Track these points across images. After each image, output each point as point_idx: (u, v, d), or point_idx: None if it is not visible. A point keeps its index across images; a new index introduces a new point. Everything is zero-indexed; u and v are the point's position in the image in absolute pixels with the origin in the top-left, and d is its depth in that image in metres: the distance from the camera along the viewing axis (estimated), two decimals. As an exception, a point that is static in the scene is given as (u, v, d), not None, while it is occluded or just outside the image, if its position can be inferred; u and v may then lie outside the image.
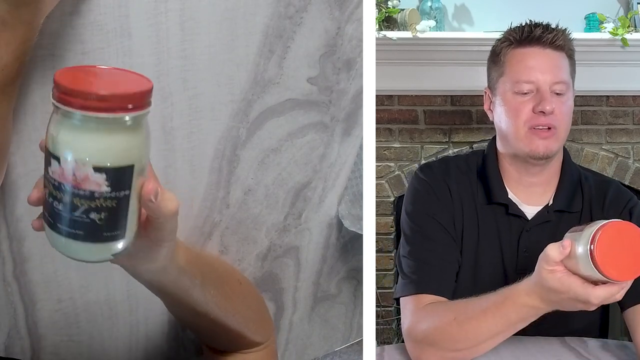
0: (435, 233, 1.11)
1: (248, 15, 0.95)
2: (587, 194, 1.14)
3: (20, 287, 0.93)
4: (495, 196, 1.12)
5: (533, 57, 1.08)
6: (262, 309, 1.05)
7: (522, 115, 1.08)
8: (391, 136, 2.37)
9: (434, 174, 1.15)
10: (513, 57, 1.10)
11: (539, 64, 1.08)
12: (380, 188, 2.32)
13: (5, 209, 0.87)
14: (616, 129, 2.36)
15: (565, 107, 1.09)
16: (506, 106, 1.10)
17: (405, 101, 2.35)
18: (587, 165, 2.27)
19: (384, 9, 2.20)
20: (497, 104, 1.12)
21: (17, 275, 0.91)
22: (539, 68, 1.07)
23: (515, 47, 1.10)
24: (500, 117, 1.12)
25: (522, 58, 1.09)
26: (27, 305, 0.95)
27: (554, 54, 1.08)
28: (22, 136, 0.85)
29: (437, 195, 1.13)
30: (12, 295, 0.93)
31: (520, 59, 1.09)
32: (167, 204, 0.65)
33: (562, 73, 1.08)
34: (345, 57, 1.07)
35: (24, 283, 0.93)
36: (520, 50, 1.10)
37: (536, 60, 1.08)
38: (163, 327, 1.05)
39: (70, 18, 0.83)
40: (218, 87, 0.97)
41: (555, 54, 1.08)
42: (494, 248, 1.13)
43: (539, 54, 1.08)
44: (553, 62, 1.08)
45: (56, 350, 0.97)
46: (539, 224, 1.12)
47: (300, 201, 1.12)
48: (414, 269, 1.07)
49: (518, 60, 1.09)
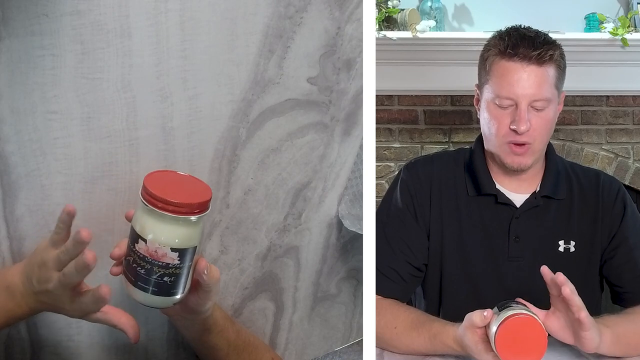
0: (394, 232, 1.16)
1: (248, 15, 0.95)
2: (575, 184, 1.18)
3: (20, 287, 0.93)
4: (484, 188, 1.16)
5: (515, 72, 1.08)
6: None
7: (500, 129, 1.11)
8: (391, 136, 2.37)
9: (417, 171, 1.20)
10: (497, 69, 1.11)
11: (520, 81, 1.08)
12: (380, 188, 2.32)
13: (5, 209, 0.87)
14: (616, 129, 2.36)
15: (544, 121, 1.10)
16: (488, 114, 1.13)
17: (405, 101, 2.35)
18: (587, 165, 2.27)
19: (384, 9, 2.20)
20: (482, 107, 1.15)
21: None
22: (520, 85, 1.08)
23: (500, 59, 1.10)
24: (483, 120, 1.15)
25: (505, 72, 1.09)
26: (27, 305, 0.95)
27: (538, 70, 1.08)
28: (22, 136, 0.85)
29: (410, 194, 1.18)
30: (12, 295, 0.93)
31: (503, 72, 1.10)
32: (213, 274, 0.90)
33: (543, 90, 1.09)
34: (345, 57, 1.07)
35: (24, 283, 0.93)
36: (504, 63, 1.10)
37: (518, 76, 1.08)
38: (163, 327, 1.05)
39: (70, 18, 0.83)
40: (218, 87, 0.97)
41: (540, 69, 1.08)
42: (481, 238, 1.16)
43: (521, 70, 1.08)
44: (535, 78, 1.08)
45: (56, 350, 0.97)
46: (527, 210, 1.15)
47: (300, 201, 1.12)
48: (375, 270, 1.11)
49: (501, 74, 1.10)
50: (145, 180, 0.85)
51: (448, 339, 0.98)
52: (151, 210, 0.83)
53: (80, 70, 0.85)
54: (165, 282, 0.85)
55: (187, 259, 0.86)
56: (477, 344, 0.92)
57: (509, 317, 0.88)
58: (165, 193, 0.83)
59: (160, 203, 0.82)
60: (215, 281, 0.91)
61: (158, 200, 0.82)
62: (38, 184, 0.88)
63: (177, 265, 0.85)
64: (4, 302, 0.85)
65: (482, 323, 0.91)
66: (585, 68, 2.22)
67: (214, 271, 0.91)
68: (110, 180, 0.92)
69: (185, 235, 0.84)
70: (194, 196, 0.86)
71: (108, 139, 0.90)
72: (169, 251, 0.83)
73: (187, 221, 0.84)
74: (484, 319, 0.91)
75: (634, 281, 1.13)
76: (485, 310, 0.91)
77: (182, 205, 0.83)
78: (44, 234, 0.90)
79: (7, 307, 0.85)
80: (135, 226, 0.85)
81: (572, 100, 2.31)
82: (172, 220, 0.83)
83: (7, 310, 0.85)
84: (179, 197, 0.84)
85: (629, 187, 2.34)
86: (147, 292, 0.85)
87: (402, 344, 1.05)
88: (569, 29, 2.13)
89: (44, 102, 0.85)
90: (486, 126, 1.14)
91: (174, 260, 0.84)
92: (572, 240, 1.15)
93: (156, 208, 0.82)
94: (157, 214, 0.83)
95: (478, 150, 1.19)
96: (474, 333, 0.92)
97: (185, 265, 0.86)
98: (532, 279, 1.09)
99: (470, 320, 0.92)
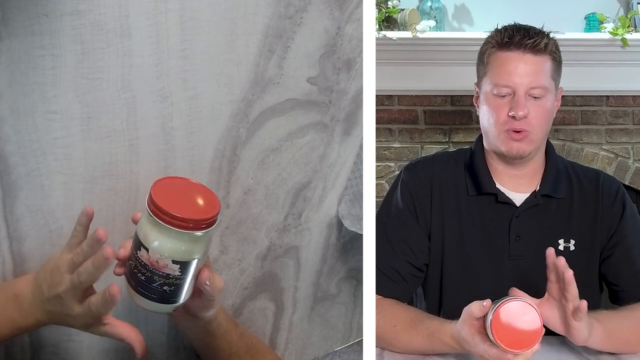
0: (395, 232, 1.16)
1: (248, 15, 0.95)
2: (575, 183, 1.19)
3: (20, 287, 0.93)
4: (485, 187, 1.17)
5: (512, 61, 1.12)
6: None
7: (499, 117, 1.13)
8: (391, 136, 2.37)
9: (417, 172, 1.21)
10: (494, 60, 1.14)
11: (517, 69, 1.11)
12: (380, 188, 2.32)
13: (5, 209, 0.87)
14: (616, 129, 2.36)
15: (542, 110, 1.12)
16: (487, 106, 1.15)
17: (405, 101, 2.35)
18: (587, 165, 2.27)
19: (384, 9, 2.20)
20: (481, 100, 1.17)
21: (17, 275, 0.91)
22: (517, 73, 1.11)
23: (497, 50, 1.14)
24: (482, 114, 1.17)
25: (502, 62, 1.13)
26: (27, 305, 0.95)
27: (534, 58, 1.11)
28: (22, 136, 0.85)
29: (411, 194, 1.18)
30: (12, 295, 0.93)
31: (500, 63, 1.13)
32: (216, 285, 0.89)
33: (540, 78, 1.11)
34: (345, 57, 1.07)
35: (24, 283, 0.93)
36: (501, 53, 1.13)
37: (515, 65, 1.11)
38: (163, 327, 1.05)
39: (70, 18, 0.83)
40: (218, 87, 0.97)
41: (536, 58, 1.11)
42: (481, 237, 1.17)
43: (518, 59, 1.11)
44: (532, 67, 1.11)
45: (56, 350, 0.97)
46: (527, 208, 1.16)
47: (300, 201, 1.12)
48: (376, 270, 1.11)
49: (498, 65, 1.13)
50: (153, 189, 0.83)
51: (446, 336, 0.98)
52: (156, 221, 0.81)
53: (80, 70, 0.85)
54: (165, 290, 0.84)
55: (190, 271, 0.84)
56: (473, 335, 0.92)
57: (503, 302, 0.89)
58: (172, 206, 0.81)
59: (165, 216, 0.80)
60: (218, 291, 0.89)
61: (164, 214, 0.80)
62: (38, 184, 0.88)
63: (178, 276, 0.83)
64: (11, 312, 0.84)
65: (480, 313, 0.91)
66: (585, 68, 2.22)
67: (217, 281, 0.89)
68: (110, 180, 0.92)
69: (189, 249, 0.83)
70: (201, 210, 0.84)
71: (108, 139, 0.90)
72: (171, 263, 0.82)
73: (192, 236, 0.82)
74: (483, 308, 0.91)
75: (631, 279, 1.13)
76: (485, 301, 0.91)
77: (188, 221, 0.81)
78: (44, 234, 0.90)
79: (13, 317, 0.84)
80: (139, 233, 0.83)
81: (572, 100, 2.31)
82: (176, 235, 0.81)
83: (13, 321, 0.84)
84: (186, 211, 0.81)
85: (629, 187, 2.34)
86: (147, 298, 0.84)
87: (401, 343, 1.05)
88: (569, 29, 2.13)
89: (44, 102, 0.85)
90: (485, 118, 1.16)
91: (175, 272, 0.83)
92: (572, 239, 1.15)
93: (161, 221, 0.80)
94: (162, 226, 0.81)
95: (478, 150, 1.20)
96: (471, 326, 0.93)
97: (186, 277, 0.84)
98: (532, 277, 1.10)
99: (469, 311, 0.93)
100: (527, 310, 0.88)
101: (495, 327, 0.88)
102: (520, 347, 0.87)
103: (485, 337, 0.91)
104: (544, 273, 0.97)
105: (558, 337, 1.00)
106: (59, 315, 0.84)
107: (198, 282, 0.87)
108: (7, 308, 0.84)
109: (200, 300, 0.90)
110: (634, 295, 1.12)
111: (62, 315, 0.84)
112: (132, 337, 0.87)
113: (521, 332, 0.87)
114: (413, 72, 2.28)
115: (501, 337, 0.87)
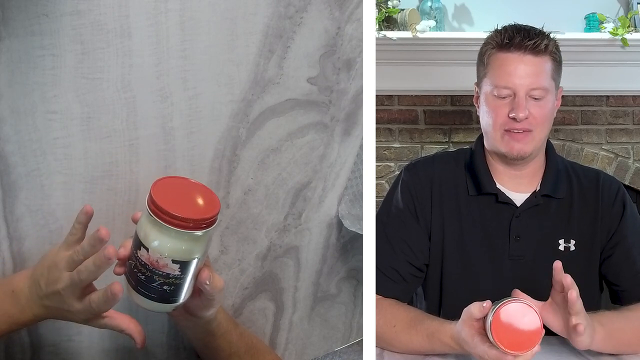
0: (395, 232, 1.16)
1: (248, 15, 0.95)
2: (575, 183, 1.19)
3: (20, 287, 0.93)
4: (485, 187, 1.17)
5: (512, 63, 1.11)
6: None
7: (499, 118, 1.13)
8: (391, 136, 2.37)
9: (417, 172, 1.21)
10: (494, 61, 1.14)
11: (517, 70, 1.11)
12: (380, 188, 2.32)
13: (5, 209, 0.87)
14: (616, 129, 2.36)
15: (543, 110, 1.12)
16: (487, 106, 1.15)
17: (405, 101, 2.35)
18: (587, 165, 2.27)
19: (384, 9, 2.20)
20: (481, 101, 1.17)
21: (17, 275, 0.91)
22: (517, 74, 1.11)
23: (497, 51, 1.13)
24: (482, 115, 1.17)
25: (502, 63, 1.13)
26: (27, 305, 0.95)
27: (534, 59, 1.11)
28: (22, 136, 0.85)
29: (411, 194, 1.18)
30: (12, 295, 0.93)
31: (500, 64, 1.13)
32: (216, 284, 0.88)
33: (540, 79, 1.11)
34: (345, 57, 1.07)
35: (24, 283, 0.93)
36: (501, 55, 1.13)
37: (515, 66, 1.11)
38: (163, 327, 1.05)
39: (70, 18, 0.83)
40: (218, 87, 0.97)
41: (536, 59, 1.11)
42: (481, 237, 1.17)
43: (518, 60, 1.11)
44: (532, 68, 1.11)
45: (56, 350, 0.97)
46: (528, 208, 1.16)
47: (300, 201, 1.12)
48: (376, 270, 1.11)
49: (498, 66, 1.13)
50: (153, 189, 0.83)
51: (445, 336, 0.98)
52: (156, 221, 0.81)
53: (80, 70, 0.85)
54: (164, 290, 0.84)
55: (190, 270, 0.84)
56: (473, 336, 0.92)
57: (503, 303, 0.89)
58: (172, 205, 0.81)
59: (165, 216, 0.80)
60: (218, 291, 0.90)
61: (163, 213, 0.80)
62: (38, 184, 0.88)
63: (178, 276, 0.83)
64: (8, 308, 0.84)
65: (480, 314, 0.91)
66: (585, 68, 2.22)
67: (217, 281, 0.89)
68: (110, 180, 0.92)
69: (189, 248, 0.83)
70: (201, 210, 0.84)
71: (108, 139, 0.90)
72: (170, 262, 0.82)
73: (192, 235, 0.82)
74: (483, 309, 0.91)
75: (632, 279, 1.13)
76: (485, 302, 0.91)
77: (188, 220, 0.81)
78: (44, 234, 0.90)
79: (11, 313, 0.84)
80: (139, 232, 0.83)
81: (572, 100, 2.31)
82: (176, 234, 0.81)
83: (10, 316, 0.84)
84: (186, 211, 0.81)
85: (629, 187, 2.34)
86: (147, 297, 0.85)
87: (400, 343, 1.05)
88: (569, 29, 2.13)
89: (44, 102, 0.85)
90: (485, 119, 1.16)
91: (174, 271, 0.83)
92: (572, 240, 1.15)
93: (161, 220, 0.80)
94: (162, 226, 0.81)
95: (478, 150, 1.20)
96: (470, 327, 0.93)
97: (186, 276, 0.84)
98: (532, 277, 1.10)
99: (469, 312, 0.93)
100: (527, 311, 0.88)
101: (495, 328, 0.88)
102: (520, 349, 0.87)
103: (485, 338, 0.91)
104: (544, 273, 0.97)
105: (558, 337, 1.00)
106: (58, 311, 0.84)
107: (198, 281, 0.87)
108: (4, 304, 0.84)
109: (200, 299, 0.90)
110: (635, 295, 1.12)
111: (61, 310, 0.84)
112: (131, 328, 0.87)
113: (521, 333, 0.87)
114: (413, 72, 2.28)
115: (501, 339, 0.87)
